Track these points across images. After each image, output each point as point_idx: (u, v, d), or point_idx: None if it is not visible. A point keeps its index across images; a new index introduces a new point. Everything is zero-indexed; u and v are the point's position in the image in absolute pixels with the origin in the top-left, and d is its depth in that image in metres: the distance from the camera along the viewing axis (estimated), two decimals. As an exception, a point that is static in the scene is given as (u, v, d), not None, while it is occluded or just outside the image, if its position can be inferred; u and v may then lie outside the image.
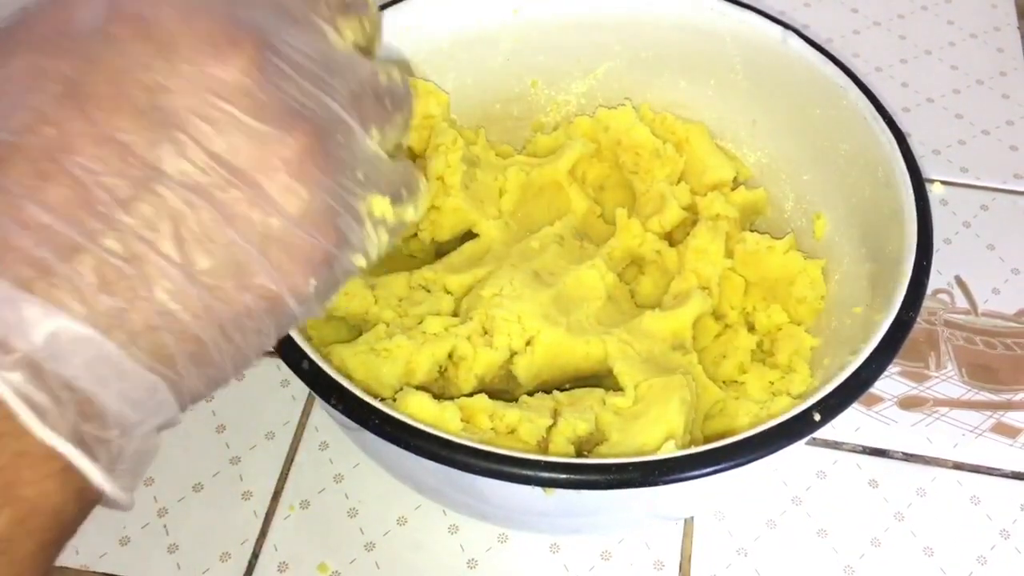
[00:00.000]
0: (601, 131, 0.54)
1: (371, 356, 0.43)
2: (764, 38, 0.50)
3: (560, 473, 0.35)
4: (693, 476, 0.35)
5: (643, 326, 0.46)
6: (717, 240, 0.49)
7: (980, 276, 0.58)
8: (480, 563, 0.47)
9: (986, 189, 0.62)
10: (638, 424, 0.42)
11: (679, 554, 0.47)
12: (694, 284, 0.48)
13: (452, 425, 0.40)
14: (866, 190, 0.46)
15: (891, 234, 0.43)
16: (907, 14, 0.73)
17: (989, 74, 0.68)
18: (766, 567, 0.47)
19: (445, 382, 0.45)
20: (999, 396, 0.53)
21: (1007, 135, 0.65)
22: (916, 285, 0.40)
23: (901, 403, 0.53)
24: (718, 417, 0.46)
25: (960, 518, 0.49)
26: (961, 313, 0.56)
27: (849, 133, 0.47)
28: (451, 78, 0.53)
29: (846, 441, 0.51)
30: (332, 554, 0.47)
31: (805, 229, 0.51)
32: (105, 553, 0.47)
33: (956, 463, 0.51)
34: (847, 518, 0.49)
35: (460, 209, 0.49)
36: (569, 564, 0.47)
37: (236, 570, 0.47)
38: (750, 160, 0.54)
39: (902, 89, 0.67)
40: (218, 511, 0.48)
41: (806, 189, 0.51)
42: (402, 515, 0.48)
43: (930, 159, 0.63)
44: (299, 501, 0.49)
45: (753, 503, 0.49)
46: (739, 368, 0.48)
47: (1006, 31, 0.71)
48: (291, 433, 0.51)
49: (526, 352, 0.44)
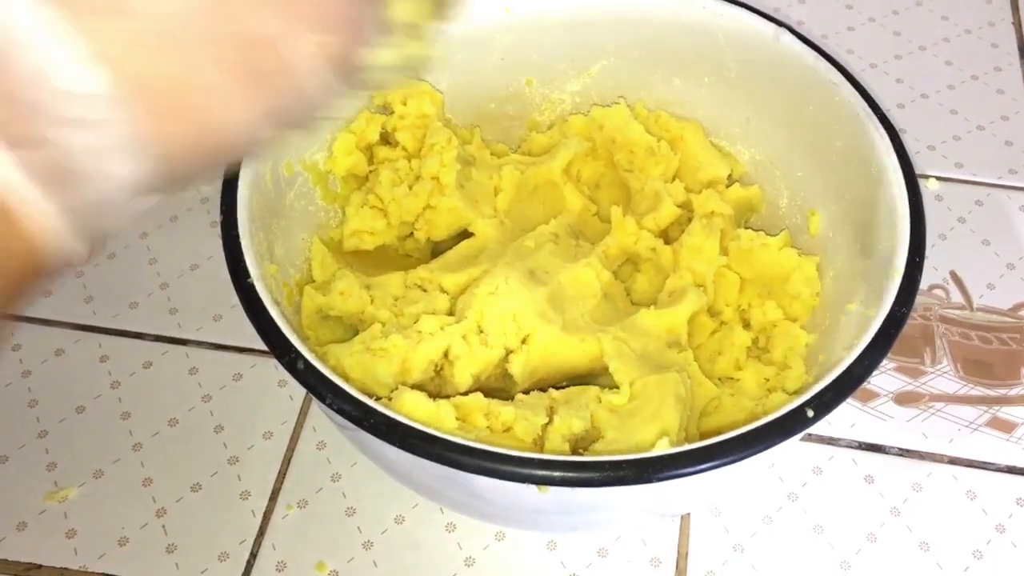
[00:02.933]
0: (596, 129, 0.54)
1: (367, 355, 0.43)
2: (757, 35, 0.50)
3: (555, 471, 0.35)
4: (688, 473, 0.35)
5: (638, 324, 0.46)
6: (712, 237, 0.49)
7: (975, 271, 0.58)
8: (477, 561, 0.47)
9: (981, 184, 0.62)
10: (633, 421, 0.42)
11: (675, 550, 0.47)
12: (689, 281, 0.48)
13: (448, 424, 0.40)
14: (860, 187, 0.46)
15: (885, 230, 0.43)
16: (901, 10, 0.73)
17: (984, 69, 0.69)
18: (762, 563, 0.47)
19: (441, 381, 0.45)
20: (994, 391, 0.53)
21: (1002, 130, 0.65)
22: (909, 281, 0.40)
23: (897, 399, 0.53)
24: (714, 414, 0.46)
25: (956, 513, 0.49)
26: (956, 308, 0.57)
27: (843, 130, 0.47)
28: (446, 77, 0.53)
29: (842, 437, 0.51)
30: (330, 553, 0.47)
31: (799, 226, 0.51)
32: (104, 553, 0.47)
33: (952, 458, 0.51)
34: (843, 514, 0.49)
35: (455, 208, 0.50)
36: (566, 561, 0.47)
37: (234, 570, 0.47)
38: (744, 157, 0.54)
39: (897, 85, 0.68)
40: (216, 511, 0.49)
41: (800, 186, 0.51)
42: (400, 514, 0.48)
43: (925, 155, 0.63)
44: (297, 500, 0.49)
45: (749, 499, 0.49)
46: (734, 365, 0.48)
47: (1001, 27, 0.71)
48: (289, 433, 0.51)
49: (521, 350, 0.44)
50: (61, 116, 0.18)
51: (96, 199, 0.19)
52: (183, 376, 0.53)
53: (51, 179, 0.18)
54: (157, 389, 0.53)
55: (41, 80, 0.17)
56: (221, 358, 0.54)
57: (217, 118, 0.20)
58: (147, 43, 0.18)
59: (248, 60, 0.20)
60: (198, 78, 0.19)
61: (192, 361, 0.54)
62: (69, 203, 0.19)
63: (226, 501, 0.49)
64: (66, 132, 0.18)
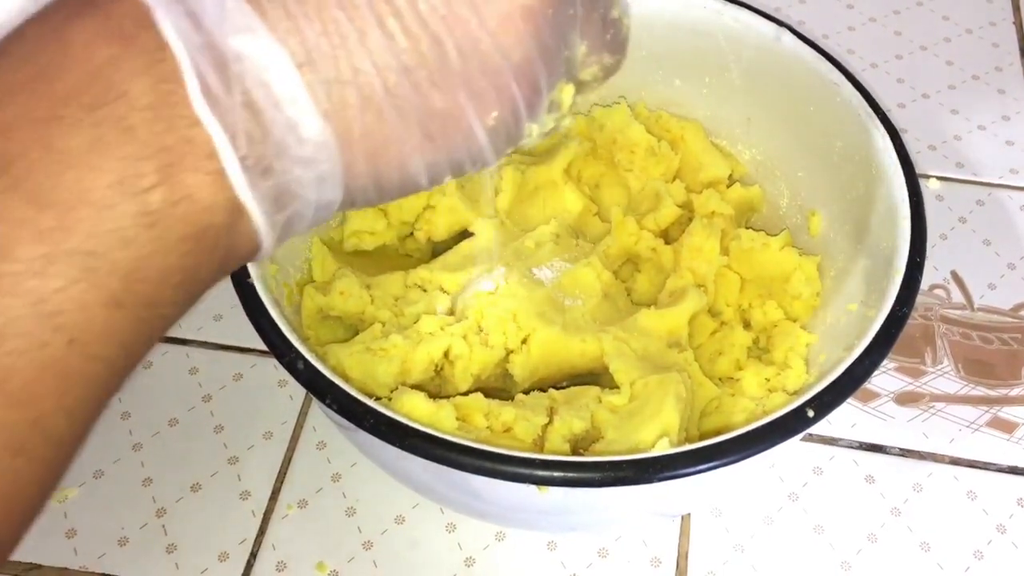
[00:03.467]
0: (596, 130, 0.54)
1: (367, 355, 0.43)
2: (758, 35, 0.50)
3: (555, 471, 0.35)
4: (688, 473, 0.35)
5: (639, 324, 0.46)
6: (712, 238, 0.49)
7: (976, 271, 0.58)
8: (478, 561, 0.47)
9: (982, 184, 0.62)
10: (634, 422, 0.42)
11: (676, 551, 0.47)
12: (690, 282, 0.48)
13: (448, 424, 0.40)
14: (861, 186, 0.46)
15: (885, 230, 0.43)
16: (902, 10, 0.73)
17: (985, 69, 0.68)
18: (763, 563, 0.47)
19: (441, 381, 0.45)
20: (995, 391, 0.53)
21: (1003, 130, 0.65)
22: (910, 281, 0.40)
23: (897, 399, 0.53)
24: (714, 414, 0.46)
25: (957, 513, 0.49)
26: (957, 308, 0.56)
27: (843, 130, 0.47)
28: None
29: (842, 437, 0.51)
30: (330, 553, 0.47)
31: (800, 226, 0.51)
32: (104, 553, 0.47)
33: (952, 458, 0.51)
34: (844, 514, 0.49)
35: (456, 208, 0.50)
36: (566, 561, 0.47)
37: (234, 570, 0.47)
38: (745, 157, 0.54)
39: (898, 85, 0.67)
40: (216, 511, 0.49)
41: (801, 186, 0.51)
42: (400, 514, 0.48)
43: (926, 155, 0.63)
44: (297, 500, 0.49)
45: (750, 500, 0.49)
46: (735, 365, 0.48)
47: (1002, 26, 0.71)
48: (289, 433, 0.51)
49: (522, 351, 0.44)
50: (291, 154, 0.23)
51: (294, 215, 0.24)
52: (183, 376, 0.53)
53: (271, 198, 0.23)
54: (157, 389, 0.53)
55: (289, 127, 0.22)
56: (221, 358, 0.54)
57: (403, 165, 0.25)
58: (363, 108, 0.23)
59: (437, 124, 0.24)
60: (396, 135, 0.24)
61: (192, 361, 0.54)
62: (276, 216, 0.24)
63: (226, 501, 0.49)
64: (290, 165, 0.23)
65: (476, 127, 0.25)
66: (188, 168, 0.21)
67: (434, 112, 0.24)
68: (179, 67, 0.21)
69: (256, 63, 0.22)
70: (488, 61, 0.24)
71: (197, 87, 0.21)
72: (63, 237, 0.20)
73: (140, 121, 0.21)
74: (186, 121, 0.21)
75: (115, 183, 0.21)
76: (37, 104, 0.21)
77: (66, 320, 0.20)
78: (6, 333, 0.20)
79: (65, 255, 0.20)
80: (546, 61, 0.26)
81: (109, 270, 0.21)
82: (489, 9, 0.24)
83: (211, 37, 0.21)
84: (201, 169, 0.22)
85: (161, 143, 0.21)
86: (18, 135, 0.21)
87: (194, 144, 0.21)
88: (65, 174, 0.20)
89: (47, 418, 0.21)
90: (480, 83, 0.24)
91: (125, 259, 0.21)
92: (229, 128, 0.22)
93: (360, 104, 0.23)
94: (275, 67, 0.22)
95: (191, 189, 0.22)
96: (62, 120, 0.21)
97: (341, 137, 0.23)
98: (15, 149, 0.20)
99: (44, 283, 0.20)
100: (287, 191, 0.23)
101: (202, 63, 0.21)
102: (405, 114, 0.24)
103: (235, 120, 0.22)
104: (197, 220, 0.22)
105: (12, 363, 0.20)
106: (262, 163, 0.22)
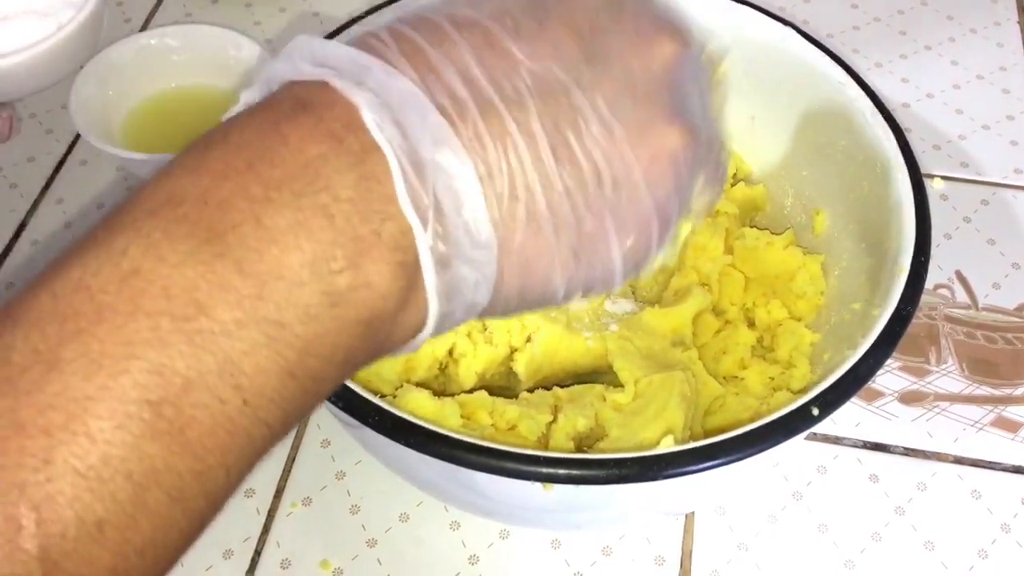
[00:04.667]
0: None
1: (372, 353, 0.43)
2: (763, 34, 0.50)
3: (559, 469, 0.35)
4: (692, 471, 0.35)
5: (643, 322, 0.46)
6: (717, 236, 0.49)
7: (980, 271, 0.58)
8: (481, 559, 0.47)
9: (986, 184, 0.62)
10: (638, 420, 0.42)
11: (680, 549, 0.47)
12: (694, 280, 0.48)
13: (452, 422, 0.40)
14: (865, 186, 0.46)
15: (890, 229, 0.43)
16: (907, 9, 0.73)
17: (989, 69, 0.68)
18: (767, 562, 0.47)
19: (445, 379, 0.45)
20: (999, 391, 0.53)
21: (1007, 130, 0.65)
22: (914, 280, 0.40)
23: (902, 398, 0.53)
24: (718, 413, 0.46)
25: (961, 512, 0.49)
26: (961, 308, 0.56)
27: (848, 129, 0.47)
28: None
29: (847, 436, 0.51)
30: (334, 551, 0.47)
31: (804, 225, 0.51)
32: (109, 551, 0.47)
33: (957, 457, 0.51)
34: (848, 513, 0.49)
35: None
36: (570, 559, 0.47)
37: (239, 567, 0.47)
38: (749, 157, 0.54)
39: (902, 85, 0.67)
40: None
41: (805, 185, 0.51)
42: (404, 512, 0.48)
43: (930, 154, 0.63)
44: (301, 498, 0.49)
45: (754, 498, 0.49)
46: (739, 364, 0.48)
47: (1006, 26, 0.71)
48: (293, 430, 0.51)
49: (526, 349, 0.44)
50: (464, 254, 0.25)
51: (449, 312, 0.26)
52: (188, 374, 0.53)
53: (444, 293, 0.25)
54: (162, 387, 0.53)
55: (465, 230, 0.25)
56: (226, 356, 0.54)
57: (547, 279, 0.27)
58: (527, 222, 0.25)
59: (584, 245, 0.27)
60: (548, 251, 0.26)
61: (197, 359, 0.54)
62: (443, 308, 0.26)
63: (230, 499, 0.49)
64: (460, 264, 0.25)
65: (615, 252, 0.27)
66: (374, 258, 0.23)
67: (583, 234, 0.26)
68: (387, 168, 0.23)
69: (447, 171, 0.24)
70: (635, 193, 0.26)
71: (404, 186, 0.23)
72: (258, 305, 0.22)
73: (339, 211, 0.23)
74: (380, 216, 0.23)
75: (308, 263, 0.23)
76: (253, 185, 0.23)
77: (245, 382, 0.22)
78: (196, 385, 0.21)
79: (255, 322, 0.22)
80: (680, 198, 0.28)
81: (290, 342, 0.23)
82: (643, 148, 0.26)
83: (414, 144, 0.24)
84: (384, 260, 0.23)
85: (355, 232, 0.23)
86: (234, 209, 0.23)
87: (382, 237, 0.23)
88: (269, 249, 0.22)
89: (210, 471, 0.23)
90: (625, 212, 0.27)
91: (305, 333, 0.23)
92: (424, 223, 0.24)
93: (525, 218, 0.25)
94: (463, 177, 0.24)
95: (372, 276, 0.23)
96: (272, 201, 0.23)
97: (502, 247, 0.25)
98: (230, 220, 0.22)
99: (233, 344, 0.22)
100: (455, 288, 0.25)
101: (406, 166, 0.23)
102: (560, 232, 0.26)
103: (428, 218, 0.24)
104: (372, 305, 0.24)
105: (194, 414, 0.21)
106: (442, 259, 0.25)
